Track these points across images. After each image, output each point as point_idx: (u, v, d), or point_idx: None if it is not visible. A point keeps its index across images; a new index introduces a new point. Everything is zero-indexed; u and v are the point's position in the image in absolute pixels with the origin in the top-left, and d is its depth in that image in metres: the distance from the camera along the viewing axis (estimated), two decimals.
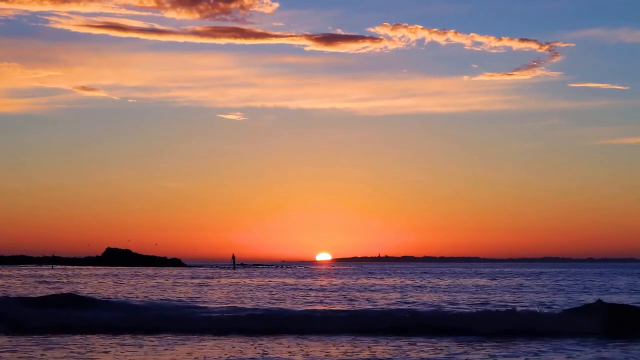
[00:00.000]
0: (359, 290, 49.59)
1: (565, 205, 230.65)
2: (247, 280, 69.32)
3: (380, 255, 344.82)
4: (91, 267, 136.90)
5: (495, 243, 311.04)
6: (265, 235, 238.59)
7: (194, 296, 42.45)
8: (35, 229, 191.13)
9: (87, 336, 23.77)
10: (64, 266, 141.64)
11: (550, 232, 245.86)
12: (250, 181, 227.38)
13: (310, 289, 50.83)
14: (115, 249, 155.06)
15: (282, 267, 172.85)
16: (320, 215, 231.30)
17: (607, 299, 35.89)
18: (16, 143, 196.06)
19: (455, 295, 43.49)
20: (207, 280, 68.19)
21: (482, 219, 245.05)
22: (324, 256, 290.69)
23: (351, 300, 39.65)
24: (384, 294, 45.78)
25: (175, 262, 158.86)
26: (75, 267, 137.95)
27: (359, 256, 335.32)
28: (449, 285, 58.77)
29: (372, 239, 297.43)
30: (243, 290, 49.25)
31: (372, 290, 49.63)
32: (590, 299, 37.73)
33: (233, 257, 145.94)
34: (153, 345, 21.85)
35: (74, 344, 21.92)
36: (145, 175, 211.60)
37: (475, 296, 42.96)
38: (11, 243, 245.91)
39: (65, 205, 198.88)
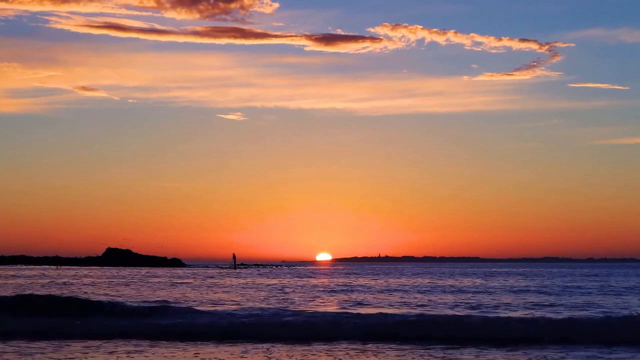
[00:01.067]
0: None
1: (565, 205, 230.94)
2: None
3: (381, 255, 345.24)
4: (94, 267, 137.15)
5: (495, 243, 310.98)
6: (265, 235, 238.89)
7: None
8: (35, 229, 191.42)
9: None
10: (66, 267, 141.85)
11: (550, 232, 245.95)
12: (251, 181, 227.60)
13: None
14: (116, 249, 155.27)
15: (280, 267, 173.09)
16: (321, 215, 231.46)
17: None
18: (16, 143, 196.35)
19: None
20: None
21: (482, 219, 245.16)
22: (324, 256, 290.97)
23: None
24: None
25: (176, 262, 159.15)
26: (79, 267, 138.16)
27: (359, 256, 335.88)
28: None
29: (373, 239, 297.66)
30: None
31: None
32: None
33: (234, 257, 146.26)
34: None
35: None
36: (145, 175, 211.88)
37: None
38: (11, 243, 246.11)
39: (65, 206, 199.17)
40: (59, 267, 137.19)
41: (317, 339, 24.46)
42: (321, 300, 41.42)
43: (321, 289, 55.17)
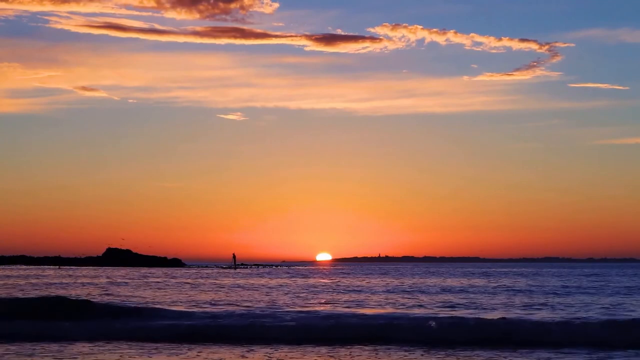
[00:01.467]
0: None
1: (566, 205, 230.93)
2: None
3: (381, 255, 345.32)
4: (93, 267, 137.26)
5: (495, 243, 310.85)
6: (265, 235, 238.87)
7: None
8: (35, 229, 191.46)
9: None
10: (66, 267, 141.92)
11: (550, 232, 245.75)
12: (251, 181, 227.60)
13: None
14: (116, 249, 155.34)
15: (278, 267, 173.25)
16: (321, 215, 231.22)
17: None
18: (16, 143, 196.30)
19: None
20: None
21: (482, 219, 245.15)
22: (324, 256, 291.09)
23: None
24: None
25: (176, 263, 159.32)
26: (79, 267, 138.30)
27: (359, 256, 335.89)
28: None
29: (373, 239, 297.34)
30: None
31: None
32: None
33: (234, 256, 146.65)
34: None
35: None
36: (145, 176, 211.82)
37: None
38: (11, 243, 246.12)
39: (65, 205, 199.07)
40: (60, 267, 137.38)
41: (315, 340, 24.47)
42: (317, 301, 41.42)
43: (319, 289, 55.19)
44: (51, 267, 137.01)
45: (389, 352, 22.21)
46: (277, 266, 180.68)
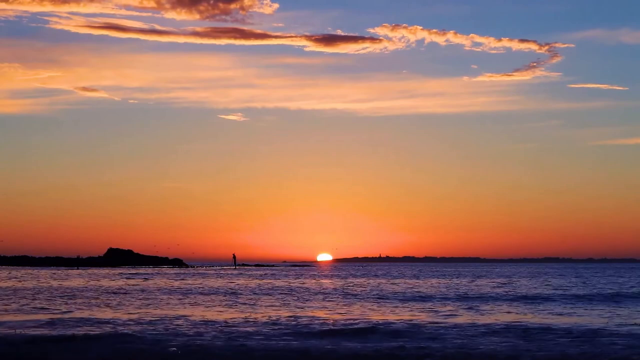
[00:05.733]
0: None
1: (565, 205, 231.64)
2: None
3: (381, 256, 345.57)
4: (100, 268, 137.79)
5: (495, 243, 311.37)
6: (266, 236, 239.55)
7: None
8: (36, 230, 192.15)
9: None
10: (66, 267, 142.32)
11: (551, 232, 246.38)
12: (252, 182, 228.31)
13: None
14: (118, 250, 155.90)
15: (274, 267, 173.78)
16: (321, 215, 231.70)
17: None
18: (17, 144, 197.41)
19: None
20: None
21: (483, 219, 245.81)
22: (325, 256, 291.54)
23: None
24: None
25: (177, 262, 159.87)
26: (79, 268, 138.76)
27: (359, 256, 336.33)
28: None
29: (373, 239, 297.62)
30: None
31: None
32: None
33: (234, 257, 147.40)
34: None
35: None
36: (145, 176, 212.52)
37: None
38: (12, 244, 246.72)
39: (66, 206, 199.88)
40: (79, 267, 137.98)
41: None
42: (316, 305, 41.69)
43: (321, 291, 55.49)
44: (71, 268, 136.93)
45: None
46: (278, 267, 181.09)
